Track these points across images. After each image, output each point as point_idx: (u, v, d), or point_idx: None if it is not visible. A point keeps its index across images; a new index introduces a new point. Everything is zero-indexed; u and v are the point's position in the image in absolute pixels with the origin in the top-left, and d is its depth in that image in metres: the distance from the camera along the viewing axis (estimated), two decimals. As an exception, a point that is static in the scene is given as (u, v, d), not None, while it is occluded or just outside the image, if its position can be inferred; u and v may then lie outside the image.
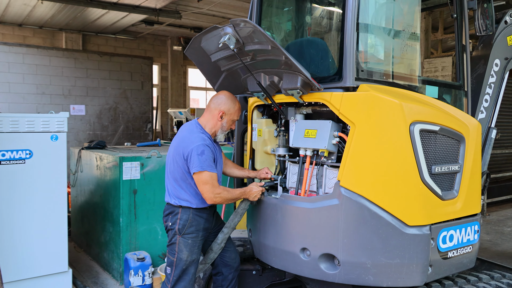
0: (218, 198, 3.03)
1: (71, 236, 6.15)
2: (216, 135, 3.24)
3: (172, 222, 3.14)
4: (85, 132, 10.32)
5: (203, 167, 2.97)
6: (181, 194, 3.12)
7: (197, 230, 3.14)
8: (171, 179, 3.17)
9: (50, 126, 4.15)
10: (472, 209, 3.17)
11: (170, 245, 3.17)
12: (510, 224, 7.38)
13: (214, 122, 3.18)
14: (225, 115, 3.18)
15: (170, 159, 3.19)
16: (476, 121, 3.27)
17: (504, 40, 3.87)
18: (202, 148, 3.00)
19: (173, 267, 3.13)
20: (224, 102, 3.18)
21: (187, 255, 3.11)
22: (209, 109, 3.21)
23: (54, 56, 9.97)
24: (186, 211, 3.12)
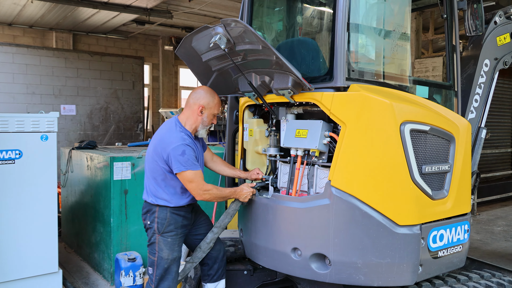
0: (207, 195, 3.03)
1: (62, 237, 6.10)
2: (197, 131, 3.19)
3: (150, 220, 3.13)
4: (75, 132, 10.25)
5: (186, 167, 2.95)
6: (159, 193, 3.10)
7: (176, 228, 3.12)
8: (151, 178, 3.14)
9: (40, 126, 4.11)
10: (462, 209, 3.19)
11: (150, 245, 3.15)
12: (500, 224, 7.45)
13: (194, 117, 3.13)
14: (205, 109, 3.13)
15: (149, 157, 3.14)
16: (466, 121, 3.30)
17: (493, 40, 3.90)
18: (182, 148, 2.96)
19: (154, 267, 3.11)
20: (203, 96, 3.14)
21: (167, 254, 3.10)
22: (188, 105, 3.16)
23: (45, 56, 9.88)
24: (163, 210, 3.09)
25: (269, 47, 2.77)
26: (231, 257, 3.67)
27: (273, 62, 2.91)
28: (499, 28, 3.92)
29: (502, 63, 4.00)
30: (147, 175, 3.19)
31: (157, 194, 3.11)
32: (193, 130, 3.17)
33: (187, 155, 2.97)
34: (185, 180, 2.99)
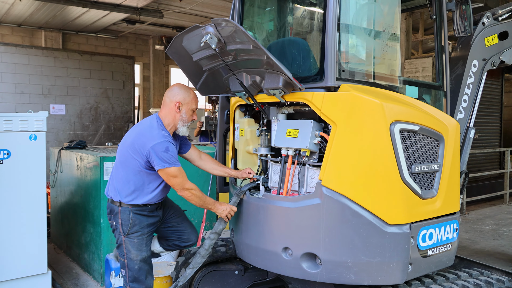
0: (188, 192, 3.01)
1: (51, 238, 6.05)
2: (177, 129, 3.17)
3: (115, 221, 3.10)
4: (65, 132, 10.17)
5: (170, 163, 2.93)
6: (125, 188, 3.05)
7: (141, 228, 3.09)
8: (121, 172, 3.07)
9: (29, 126, 4.07)
10: (451, 208, 3.22)
11: (118, 247, 3.13)
12: (488, 223, 7.54)
13: (172, 115, 3.12)
14: (182, 105, 3.12)
15: (124, 150, 3.08)
16: (455, 121, 3.33)
17: (482, 41, 3.94)
18: (166, 144, 2.95)
19: (126, 268, 3.09)
20: (177, 92, 3.13)
21: (136, 255, 3.08)
22: (165, 104, 3.15)
23: (33, 55, 9.80)
24: (125, 211, 3.05)
25: (260, 47, 2.77)
26: (222, 257, 3.67)
27: (264, 62, 2.92)
28: (487, 29, 3.96)
29: (490, 63, 4.04)
30: (117, 169, 3.12)
31: (123, 189, 3.05)
32: (172, 128, 3.15)
33: (171, 152, 2.96)
34: (169, 175, 2.96)
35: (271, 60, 2.79)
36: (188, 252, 3.73)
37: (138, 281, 3.09)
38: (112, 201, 3.13)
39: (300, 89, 2.89)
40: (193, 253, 3.70)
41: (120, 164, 3.11)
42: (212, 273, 3.65)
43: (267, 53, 2.77)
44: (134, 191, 3.06)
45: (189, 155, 3.44)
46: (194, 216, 5.35)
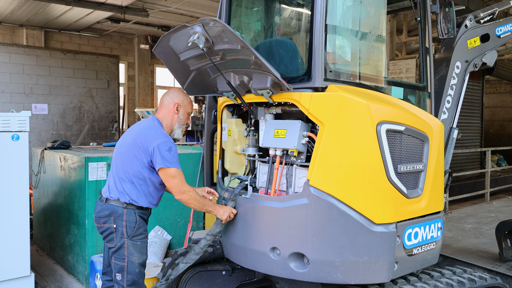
0: (186, 196, 2.98)
1: (33, 239, 5.95)
2: (173, 131, 3.19)
3: (117, 224, 2.99)
4: (48, 132, 10.01)
5: (171, 164, 2.93)
6: (129, 189, 2.99)
7: (144, 231, 3.08)
8: (122, 172, 3.02)
9: (11, 126, 4.00)
10: (436, 207, 3.27)
11: (118, 250, 3.00)
12: (470, 221, 7.68)
13: (171, 116, 3.16)
14: (180, 107, 3.17)
15: (124, 150, 3.04)
16: (439, 122, 3.38)
17: (464, 43, 4.01)
18: (170, 144, 2.97)
19: (124, 272, 3.00)
20: (176, 95, 3.19)
21: (138, 258, 3.02)
22: (163, 105, 3.18)
23: (15, 53, 9.62)
24: (130, 212, 2.99)
25: (248, 47, 2.77)
26: (210, 257, 3.67)
27: (252, 62, 2.92)
28: (470, 32, 4.03)
29: (473, 65, 4.11)
30: (117, 170, 3.05)
31: (128, 191, 2.99)
32: (169, 130, 3.17)
33: (173, 152, 2.97)
34: (168, 175, 2.94)
35: (259, 60, 2.80)
36: (175, 253, 3.71)
37: (137, 284, 3.03)
38: (114, 202, 3.02)
39: (288, 90, 2.91)
40: (180, 254, 3.68)
41: (121, 165, 3.04)
42: (200, 274, 3.64)
43: (255, 53, 2.77)
44: (137, 191, 3.01)
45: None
46: (181, 217, 5.33)
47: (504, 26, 4.23)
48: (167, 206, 5.18)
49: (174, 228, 5.27)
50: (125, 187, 3.01)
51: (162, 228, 5.14)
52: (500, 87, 14.70)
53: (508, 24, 4.27)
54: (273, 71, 2.79)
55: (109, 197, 3.05)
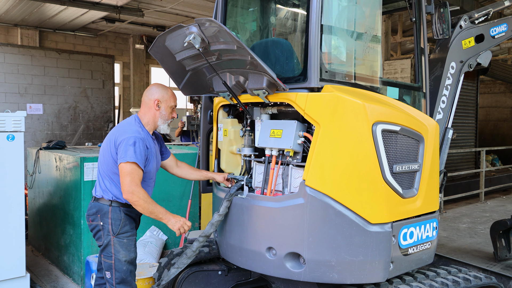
0: (135, 196, 2.87)
1: (29, 240, 5.93)
2: (158, 127, 3.19)
3: (103, 222, 3.01)
4: (42, 132, 9.96)
5: (130, 158, 2.88)
6: (112, 187, 3.02)
7: (131, 228, 3.09)
8: (104, 170, 3.06)
9: (6, 126, 3.98)
10: (431, 207, 3.28)
11: (105, 248, 3.03)
12: (465, 221, 7.71)
13: (152, 113, 3.14)
14: (161, 102, 3.14)
15: (104, 147, 3.08)
16: (434, 122, 3.40)
17: (459, 44, 4.03)
18: (134, 139, 2.93)
19: (112, 270, 3.01)
20: (155, 91, 3.16)
21: (125, 255, 3.02)
22: (143, 103, 3.18)
23: (9, 53, 9.56)
24: (116, 210, 3.02)
25: (244, 47, 2.78)
26: (206, 257, 3.66)
27: (247, 62, 2.92)
28: (464, 32, 4.05)
29: (467, 65, 4.13)
30: (99, 168, 3.11)
31: (110, 188, 3.02)
32: (151, 126, 3.16)
33: (137, 148, 2.91)
34: (123, 171, 2.89)
35: (255, 61, 2.80)
36: (170, 253, 3.71)
37: (126, 282, 3.04)
38: (100, 200, 3.06)
39: (284, 90, 2.91)
40: (176, 254, 3.68)
41: (101, 162, 3.10)
42: (196, 274, 3.63)
43: (251, 54, 2.78)
44: (116, 187, 3.01)
45: (167, 162, 3.46)
46: (176, 217, 5.32)
47: (498, 27, 4.26)
48: (162, 206, 5.17)
49: (169, 228, 5.25)
50: (107, 184, 3.04)
51: (157, 228, 5.13)
52: (495, 87, 14.79)
53: (502, 25, 4.29)
54: (269, 71, 2.80)
55: (95, 195, 3.10)
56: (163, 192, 5.12)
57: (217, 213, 3.21)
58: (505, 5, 4.38)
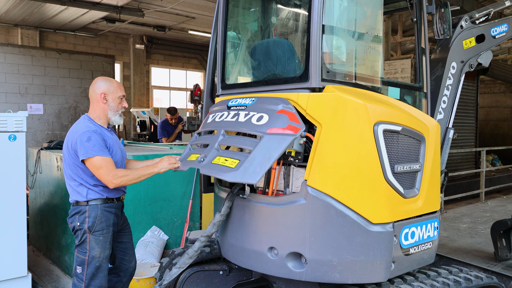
0: (118, 180, 2.95)
1: (30, 240, 5.92)
2: (109, 119, 3.20)
3: (80, 221, 3.06)
4: (43, 132, 9.97)
5: (92, 153, 2.93)
6: (81, 189, 3.07)
7: (107, 226, 3.11)
8: (68, 177, 3.12)
9: (8, 126, 3.99)
10: (432, 207, 3.29)
11: (80, 244, 3.08)
12: (465, 221, 7.72)
13: (101, 107, 3.16)
14: (107, 95, 3.15)
15: (65, 154, 3.12)
16: (436, 122, 3.40)
17: (460, 44, 4.04)
18: (87, 134, 2.97)
19: (84, 265, 3.06)
20: (100, 85, 3.17)
21: (99, 252, 3.07)
22: (91, 98, 3.20)
23: (9, 53, 9.57)
24: (94, 208, 3.06)
25: None
26: (207, 257, 3.67)
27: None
28: (465, 32, 4.06)
29: (468, 65, 4.14)
30: (67, 175, 3.14)
31: (80, 190, 3.07)
32: (104, 121, 3.18)
33: (93, 141, 2.96)
34: (93, 167, 2.95)
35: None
36: (172, 253, 3.71)
37: (96, 277, 3.08)
38: (77, 203, 3.10)
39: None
40: (177, 254, 3.68)
41: (66, 169, 3.14)
42: (197, 274, 3.64)
43: None
44: (85, 187, 3.06)
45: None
46: (178, 217, 5.33)
47: (499, 27, 4.27)
48: (164, 206, 5.19)
49: (171, 228, 5.27)
50: (76, 187, 3.08)
51: (158, 228, 5.14)
52: (495, 87, 14.79)
53: (503, 25, 4.30)
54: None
55: (71, 201, 3.15)
56: (164, 192, 5.12)
57: (218, 213, 3.21)
58: (505, 5, 4.39)
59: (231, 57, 3.70)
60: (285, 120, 2.81)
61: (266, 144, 2.74)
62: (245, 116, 2.98)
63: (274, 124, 2.82)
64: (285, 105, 2.87)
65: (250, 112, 2.98)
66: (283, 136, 2.75)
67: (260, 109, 2.95)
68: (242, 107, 3.06)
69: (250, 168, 2.67)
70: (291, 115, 2.81)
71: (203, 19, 11.07)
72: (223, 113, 3.18)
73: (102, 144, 3.00)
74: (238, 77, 3.80)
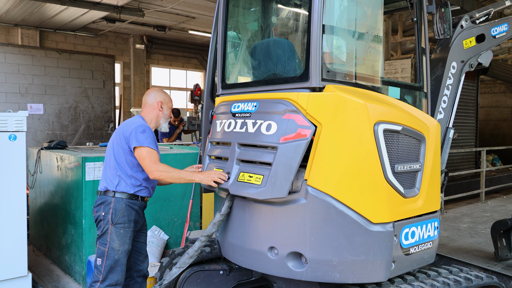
0: (159, 173, 3.14)
1: (30, 239, 5.93)
2: (160, 125, 3.49)
3: (105, 212, 3.22)
4: (43, 132, 9.97)
5: (144, 143, 3.16)
6: (118, 178, 3.24)
7: (129, 220, 3.24)
8: (112, 162, 3.28)
9: (8, 126, 3.99)
10: (432, 206, 3.29)
11: (102, 236, 3.23)
12: (465, 221, 7.71)
13: (155, 113, 3.45)
14: (164, 104, 3.47)
15: (115, 140, 3.32)
16: (436, 121, 3.40)
17: (460, 43, 4.04)
18: (143, 127, 3.24)
19: (104, 257, 3.19)
20: (158, 94, 3.48)
21: (119, 245, 3.19)
22: (146, 104, 3.47)
23: (10, 53, 9.57)
24: (119, 201, 3.22)
25: None
26: (207, 257, 3.67)
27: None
28: (465, 32, 4.06)
29: (468, 65, 4.14)
30: (108, 162, 3.33)
31: (112, 179, 3.24)
32: (153, 125, 3.45)
33: (147, 134, 3.22)
34: (141, 155, 3.17)
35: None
36: (172, 252, 3.72)
37: (114, 271, 3.18)
38: (105, 192, 3.26)
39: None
40: (177, 254, 3.69)
41: (109, 157, 3.32)
42: (197, 273, 3.64)
43: None
44: (119, 176, 3.23)
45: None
46: (178, 217, 5.33)
47: (499, 27, 4.26)
48: (164, 206, 5.19)
49: (171, 228, 5.27)
50: (112, 176, 3.26)
51: (159, 228, 5.14)
52: (495, 87, 14.78)
53: (503, 25, 4.30)
54: None
55: (100, 189, 3.33)
56: (164, 192, 5.13)
57: (219, 212, 3.21)
58: (506, 5, 4.38)
59: (231, 57, 3.70)
60: (294, 125, 2.85)
61: (283, 154, 2.83)
62: (253, 125, 3.05)
63: (285, 131, 2.87)
64: (288, 108, 2.88)
65: (257, 121, 3.02)
66: (297, 142, 2.81)
67: (266, 116, 2.99)
68: (247, 115, 3.10)
69: (276, 183, 2.82)
70: (298, 118, 2.83)
71: (203, 19, 11.06)
72: (230, 121, 3.22)
73: (154, 139, 3.27)
74: (238, 77, 3.80)
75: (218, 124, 3.38)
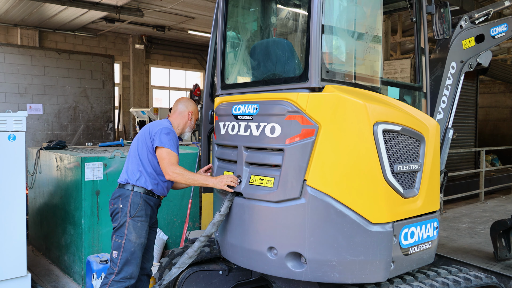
0: (174, 174, 3.24)
1: (29, 239, 5.92)
2: (184, 133, 3.65)
3: (123, 204, 3.31)
4: (42, 132, 9.96)
5: (166, 144, 3.28)
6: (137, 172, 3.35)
7: (146, 214, 3.35)
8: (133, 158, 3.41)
9: (7, 126, 3.98)
10: (432, 207, 3.29)
11: (119, 228, 3.30)
12: (465, 221, 7.72)
13: (184, 121, 3.62)
14: (193, 114, 3.66)
15: (138, 140, 3.46)
16: (435, 122, 3.40)
17: (459, 44, 4.04)
18: (169, 130, 3.37)
19: (120, 250, 3.25)
20: (190, 104, 3.66)
21: (136, 237, 3.28)
22: (177, 111, 3.62)
23: (9, 53, 9.56)
24: (137, 195, 3.33)
25: None
26: (207, 257, 3.67)
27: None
28: (465, 32, 4.06)
29: (468, 65, 4.14)
30: (131, 156, 3.45)
31: (134, 173, 3.36)
32: (178, 131, 3.60)
33: (171, 137, 3.34)
34: (161, 155, 3.29)
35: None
36: (171, 253, 3.72)
37: (130, 264, 3.25)
38: (124, 185, 3.37)
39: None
40: (177, 254, 3.68)
41: (133, 153, 3.45)
42: (197, 274, 3.64)
43: None
44: (140, 172, 3.35)
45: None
46: (177, 217, 5.33)
47: (498, 27, 4.26)
48: (163, 206, 5.17)
49: (170, 228, 5.27)
50: (134, 171, 3.38)
51: (158, 228, 5.14)
52: (494, 87, 14.79)
53: (502, 25, 4.30)
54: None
55: (120, 181, 3.44)
56: (164, 192, 5.12)
57: (218, 212, 3.21)
58: (505, 5, 4.38)
59: (230, 57, 3.70)
60: (297, 126, 2.86)
61: (291, 155, 2.86)
62: (257, 128, 3.06)
63: (289, 133, 2.89)
64: (289, 109, 2.88)
65: (260, 123, 3.04)
66: (303, 142, 2.83)
67: (268, 119, 3.00)
68: (249, 117, 3.11)
69: (287, 184, 2.87)
70: (300, 118, 2.84)
71: (203, 19, 11.07)
72: (233, 124, 3.24)
73: (177, 143, 3.40)
74: (238, 77, 3.80)
75: (221, 126, 3.37)
